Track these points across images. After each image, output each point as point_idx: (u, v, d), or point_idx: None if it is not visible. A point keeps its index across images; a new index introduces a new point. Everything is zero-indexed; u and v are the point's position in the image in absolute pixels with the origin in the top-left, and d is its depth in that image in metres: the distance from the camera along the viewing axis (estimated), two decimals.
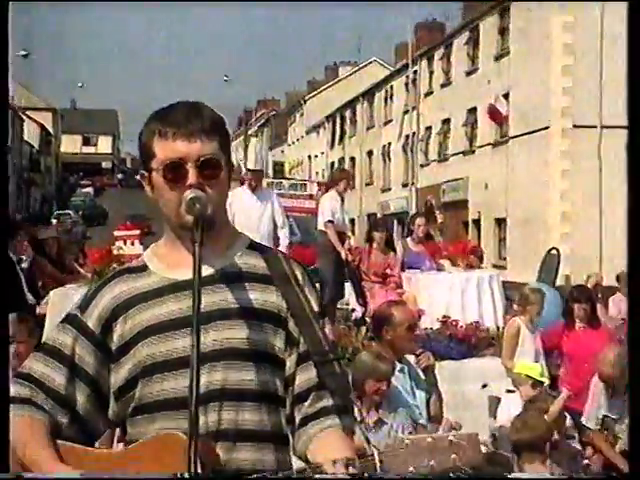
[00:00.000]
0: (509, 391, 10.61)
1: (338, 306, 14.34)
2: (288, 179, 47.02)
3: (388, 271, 13.85)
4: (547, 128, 33.61)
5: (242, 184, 14.46)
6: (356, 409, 7.19)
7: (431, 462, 2.87)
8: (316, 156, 69.12)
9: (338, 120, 64.87)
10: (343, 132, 63.60)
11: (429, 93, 46.01)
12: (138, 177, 3.24)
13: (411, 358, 8.10)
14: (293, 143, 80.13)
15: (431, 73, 46.24)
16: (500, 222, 37.39)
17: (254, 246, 3.32)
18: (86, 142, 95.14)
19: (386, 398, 7.16)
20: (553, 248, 19.21)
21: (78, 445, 3.15)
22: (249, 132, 79.51)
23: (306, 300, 3.18)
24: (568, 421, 9.01)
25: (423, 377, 8.00)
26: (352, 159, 60.71)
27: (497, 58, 38.01)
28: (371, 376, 7.14)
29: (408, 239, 15.52)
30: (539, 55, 34.09)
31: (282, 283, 3.19)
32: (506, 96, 36.88)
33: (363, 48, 69.42)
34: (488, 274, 15.33)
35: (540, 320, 11.97)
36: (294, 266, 3.32)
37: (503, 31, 37.61)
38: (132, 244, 22.11)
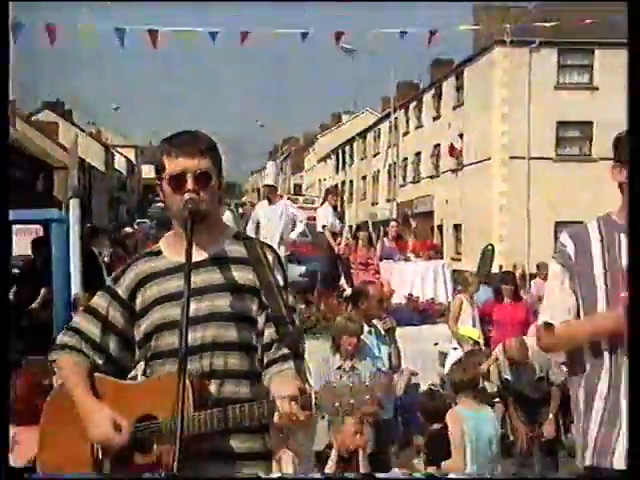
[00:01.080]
0: (454, 348, 10.71)
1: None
2: (303, 195, 47.66)
3: (369, 261, 13.88)
4: (490, 159, 33.51)
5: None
6: (337, 357, 7.24)
7: (351, 400, 2.92)
8: (325, 179, 68.89)
9: (340, 153, 65.01)
10: (344, 162, 63.68)
11: (406, 133, 45.76)
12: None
13: (380, 324, 8.22)
14: (308, 170, 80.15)
15: (407, 119, 45.99)
16: (457, 227, 37.31)
17: (237, 236, 3.39)
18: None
19: (357, 351, 7.18)
20: (489, 244, 19.22)
21: (110, 377, 3.22)
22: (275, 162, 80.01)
23: (273, 277, 3.25)
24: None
25: (386, 337, 8.06)
26: (351, 182, 60.79)
27: (454, 108, 37.80)
28: (344, 333, 7.21)
29: (385, 238, 15.70)
30: (484, 106, 33.95)
31: (256, 265, 3.25)
32: (461, 136, 36.78)
33: (358, 100, 69.38)
34: (441, 264, 15.42)
35: (478, 296, 12.14)
36: (267, 251, 3.38)
37: (458, 89, 37.46)
38: None
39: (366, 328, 7.58)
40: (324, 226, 14.53)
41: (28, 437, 5.87)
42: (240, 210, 32.52)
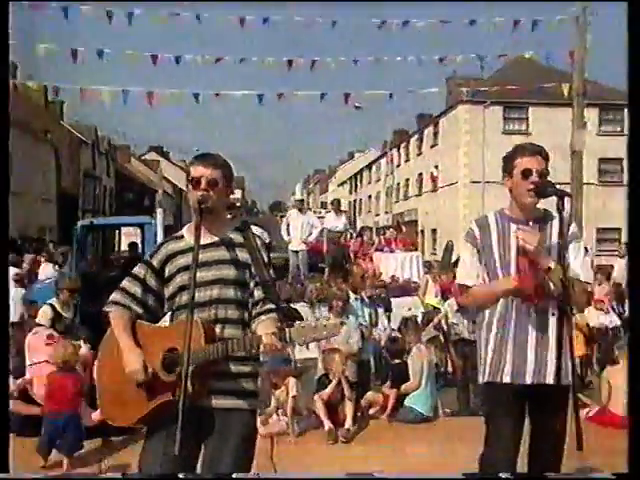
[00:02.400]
0: (423, 313, 10.44)
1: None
2: (326, 210, 47.76)
3: (367, 252, 13.91)
4: (457, 183, 33.33)
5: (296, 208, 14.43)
6: (330, 315, 7.20)
7: (314, 335, 2.94)
8: (342, 199, 69.09)
9: (353, 180, 64.75)
10: (356, 186, 63.34)
11: (398, 165, 45.54)
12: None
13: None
14: (330, 192, 79.69)
15: (399, 155, 45.81)
16: (434, 231, 36.89)
17: (238, 228, 3.36)
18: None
19: (345, 311, 7.13)
20: (449, 241, 19.01)
21: (147, 323, 3.24)
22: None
23: (261, 256, 3.26)
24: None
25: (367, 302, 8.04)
26: (360, 200, 60.54)
27: (432, 147, 37.59)
28: (334, 298, 7.19)
29: (381, 237, 15.97)
30: (452, 146, 33.88)
31: (249, 247, 3.28)
32: (437, 167, 36.50)
33: (366, 142, 68.97)
34: (415, 255, 15.03)
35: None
36: (257, 239, 3.37)
37: (435, 134, 37.21)
38: None
39: (353, 296, 7.59)
40: (329, 230, 14.39)
41: None
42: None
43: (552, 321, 3.29)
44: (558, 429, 3.40)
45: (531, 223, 3.37)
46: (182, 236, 3.32)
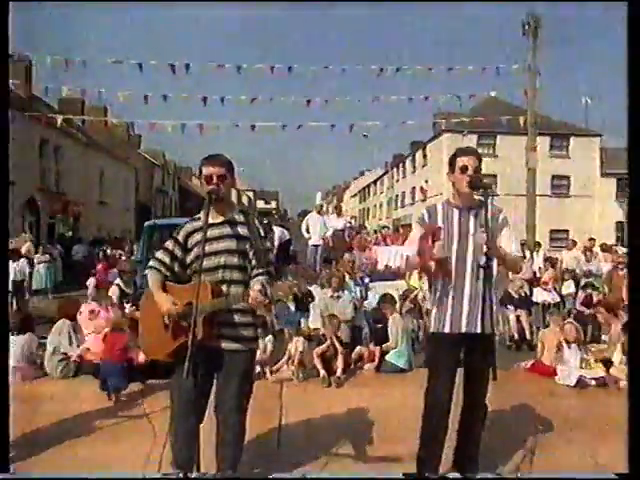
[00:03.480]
0: (403, 291, 10.21)
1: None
2: (331, 212, 47.36)
3: (368, 246, 13.75)
4: (442, 194, 32.88)
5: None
6: (328, 290, 7.18)
7: (282, 292, 3.10)
8: (354, 207, 68.40)
9: (363, 193, 64.29)
10: (365, 197, 62.86)
11: (397, 180, 45.18)
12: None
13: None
14: (345, 202, 79.06)
15: (398, 173, 45.34)
16: None
17: (241, 211, 3.35)
18: (267, 203, 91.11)
19: (340, 287, 7.13)
20: None
21: (173, 283, 3.25)
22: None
23: (258, 232, 3.28)
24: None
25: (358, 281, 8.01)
26: (368, 208, 59.88)
27: (422, 167, 37.25)
28: (332, 277, 7.18)
29: (378, 234, 15.81)
30: (437, 165, 33.34)
31: (249, 226, 3.28)
32: (426, 181, 36.03)
33: (372, 163, 67.95)
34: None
35: None
36: (255, 220, 3.37)
37: (425, 156, 36.91)
38: None
39: (347, 277, 7.58)
40: (332, 227, 14.14)
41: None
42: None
43: (480, 284, 3.20)
44: (485, 370, 3.22)
45: (468, 210, 3.30)
46: (199, 218, 3.29)
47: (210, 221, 3.19)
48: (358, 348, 6.43)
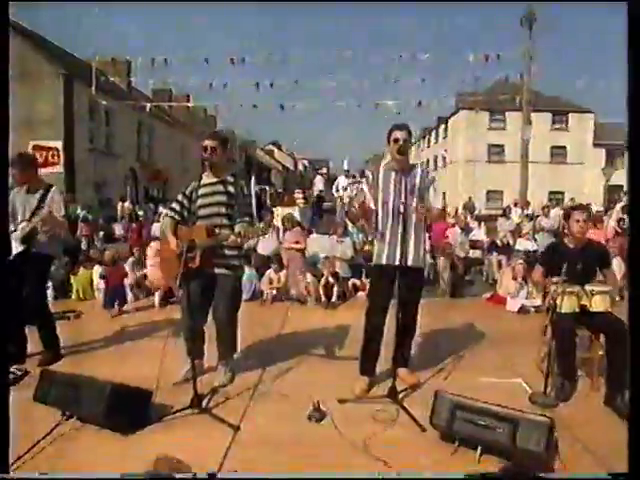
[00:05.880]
0: None
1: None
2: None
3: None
4: (457, 162, 31.96)
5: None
6: (334, 235, 7.27)
7: (254, 233, 3.21)
8: None
9: None
10: None
11: (422, 150, 43.27)
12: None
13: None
14: None
15: (423, 144, 43.46)
16: (444, 194, 34.62)
17: (233, 174, 3.49)
18: (319, 169, 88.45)
19: (344, 234, 7.23)
20: (470, 197, 18.14)
21: (182, 226, 3.42)
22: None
23: (242, 190, 3.45)
24: None
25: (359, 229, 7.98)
26: None
27: (443, 138, 35.77)
28: (335, 225, 7.27)
29: None
30: (455, 136, 32.30)
31: (236, 185, 3.45)
32: (446, 150, 34.78)
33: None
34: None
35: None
36: (242, 181, 3.53)
37: (445, 129, 35.37)
38: None
39: (350, 224, 7.64)
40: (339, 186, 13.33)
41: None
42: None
43: (412, 228, 3.31)
44: (415, 299, 3.42)
45: (402, 172, 3.27)
46: (202, 177, 3.46)
47: (207, 181, 3.45)
48: (352, 280, 6.63)
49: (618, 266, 6.33)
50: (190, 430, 2.78)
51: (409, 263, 3.30)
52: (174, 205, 3.54)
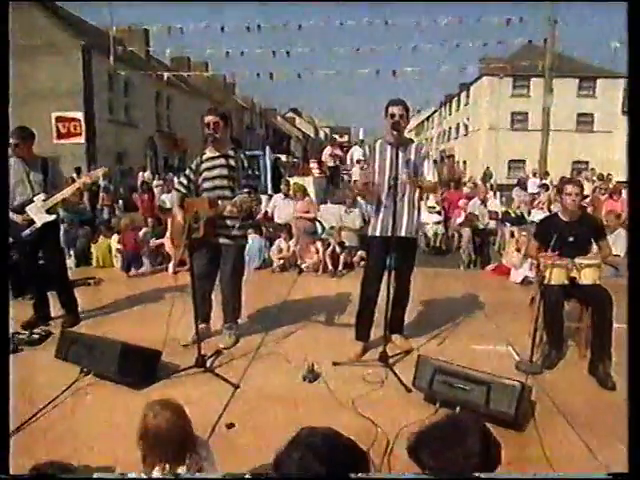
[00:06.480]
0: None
1: None
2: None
3: None
4: (479, 129, 31.24)
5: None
6: (343, 206, 7.35)
7: (249, 203, 3.32)
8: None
9: (419, 128, 59.23)
10: (419, 133, 58.30)
11: (445, 118, 42.46)
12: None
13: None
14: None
15: (446, 111, 42.41)
16: (465, 162, 34.08)
17: (233, 148, 3.61)
18: (341, 137, 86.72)
19: (353, 205, 7.29)
20: (487, 167, 17.94)
21: (189, 197, 3.59)
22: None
23: (242, 163, 3.57)
24: None
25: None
26: (423, 141, 56.46)
27: (465, 105, 34.77)
28: (345, 196, 7.31)
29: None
30: (478, 103, 31.42)
31: (236, 158, 3.58)
32: (468, 119, 34.07)
33: (427, 102, 58.31)
34: None
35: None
36: (241, 155, 3.64)
37: (468, 95, 34.35)
38: None
39: (359, 198, 7.64)
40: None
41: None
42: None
43: (406, 201, 3.41)
44: (408, 268, 3.52)
45: (398, 146, 3.26)
46: (205, 152, 3.61)
47: (210, 155, 3.60)
48: (360, 251, 6.76)
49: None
50: (194, 387, 3.03)
51: (402, 234, 3.41)
52: (182, 179, 3.72)
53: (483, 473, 1.23)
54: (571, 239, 3.48)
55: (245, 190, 3.49)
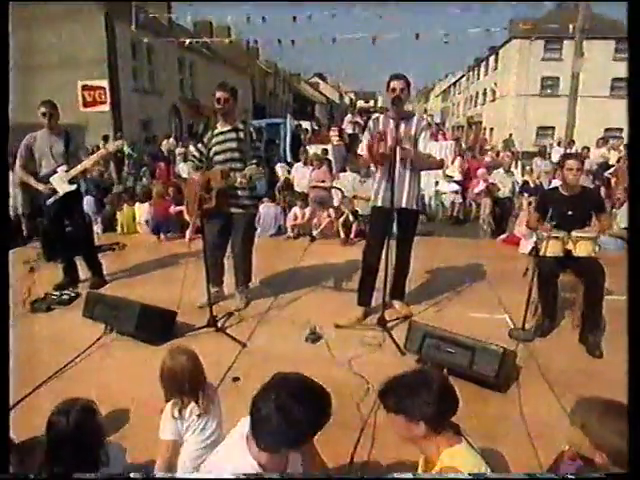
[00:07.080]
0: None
1: None
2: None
3: None
4: (507, 95, 30.02)
5: None
6: (357, 175, 7.38)
7: (257, 175, 3.46)
8: (437, 106, 62.74)
9: (445, 94, 57.85)
10: (446, 98, 56.91)
11: (472, 83, 40.89)
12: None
13: None
14: (430, 101, 72.58)
15: (473, 76, 40.96)
16: (492, 129, 33.08)
17: (243, 122, 3.73)
18: (366, 102, 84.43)
19: (366, 172, 7.28)
20: (510, 134, 17.54)
21: (200, 171, 3.67)
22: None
23: (250, 135, 3.67)
24: None
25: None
26: (449, 107, 54.20)
27: (494, 70, 33.53)
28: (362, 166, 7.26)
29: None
30: (506, 68, 30.22)
31: (245, 132, 3.69)
32: (495, 84, 32.86)
33: (458, 67, 55.54)
34: (450, 143, 12.69)
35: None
36: (250, 127, 3.77)
37: (496, 60, 33.10)
38: None
39: (372, 167, 7.64)
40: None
41: None
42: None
43: (407, 173, 3.50)
44: (409, 238, 3.65)
45: (400, 119, 3.37)
46: (216, 127, 3.72)
47: (221, 129, 3.74)
48: None
49: None
50: (206, 344, 3.30)
51: (402, 205, 3.52)
52: (195, 152, 3.88)
53: (480, 472, 1.35)
54: (570, 213, 3.53)
55: (254, 162, 3.65)
